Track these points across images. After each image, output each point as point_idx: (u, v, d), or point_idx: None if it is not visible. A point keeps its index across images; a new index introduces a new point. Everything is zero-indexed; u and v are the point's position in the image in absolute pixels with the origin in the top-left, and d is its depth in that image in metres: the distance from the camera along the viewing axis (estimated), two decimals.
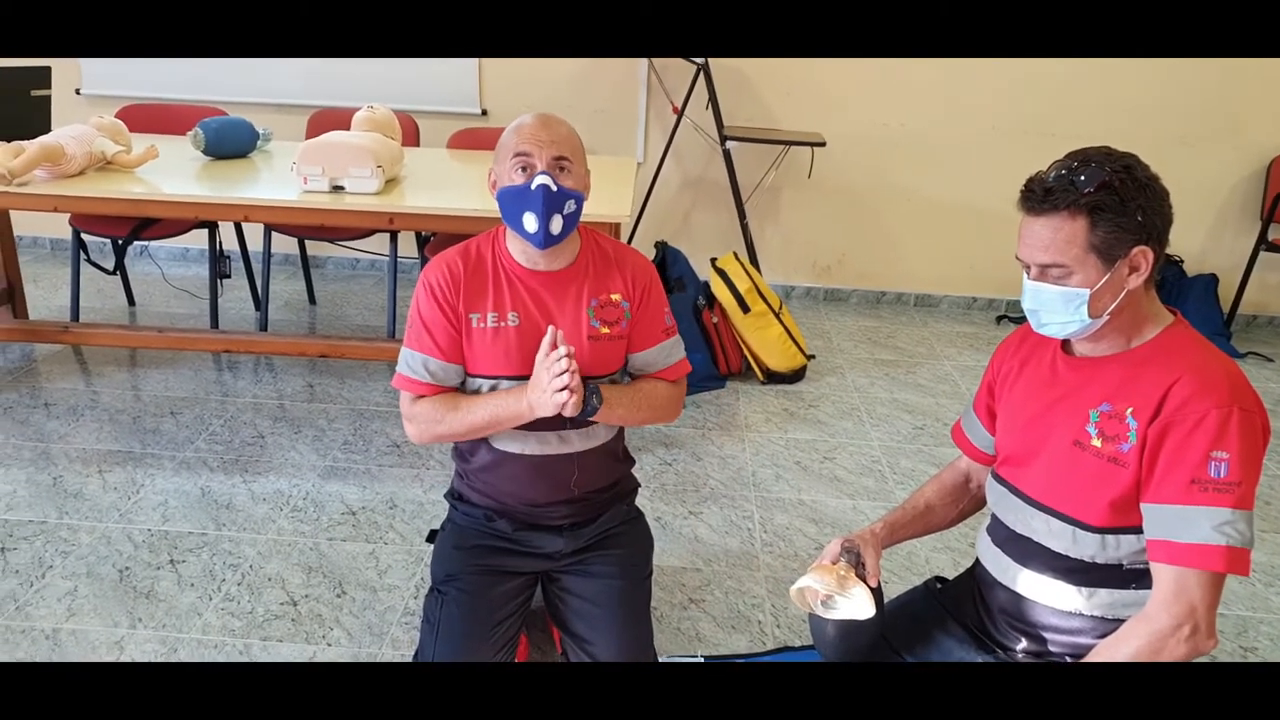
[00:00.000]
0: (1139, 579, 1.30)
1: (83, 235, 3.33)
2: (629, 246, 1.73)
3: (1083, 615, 1.33)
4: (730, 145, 3.78)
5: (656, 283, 1.70)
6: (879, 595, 1.40)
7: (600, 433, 1.68)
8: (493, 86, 4.09)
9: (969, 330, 4.10)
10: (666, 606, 2.09)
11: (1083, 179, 1.20)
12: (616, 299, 1.64)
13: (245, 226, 3.74)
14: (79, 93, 4.15)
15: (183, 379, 3.14)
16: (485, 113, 4.12)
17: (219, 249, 3.41)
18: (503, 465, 1.66)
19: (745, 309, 3.33)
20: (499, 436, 1.63)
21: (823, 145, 3.85)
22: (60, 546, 2.19)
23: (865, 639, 1.42)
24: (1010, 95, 3.94)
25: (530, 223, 1.50)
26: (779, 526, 2.44)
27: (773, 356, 3.35)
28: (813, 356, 3.53)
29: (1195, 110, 3.90)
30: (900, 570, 2.24)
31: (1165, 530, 1.20)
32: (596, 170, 1.74)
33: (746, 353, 3.38)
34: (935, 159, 4.08)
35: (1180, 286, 3.96)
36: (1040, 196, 1.23)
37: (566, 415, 1.52)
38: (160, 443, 2.71)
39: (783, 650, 1.97)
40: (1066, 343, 1.37)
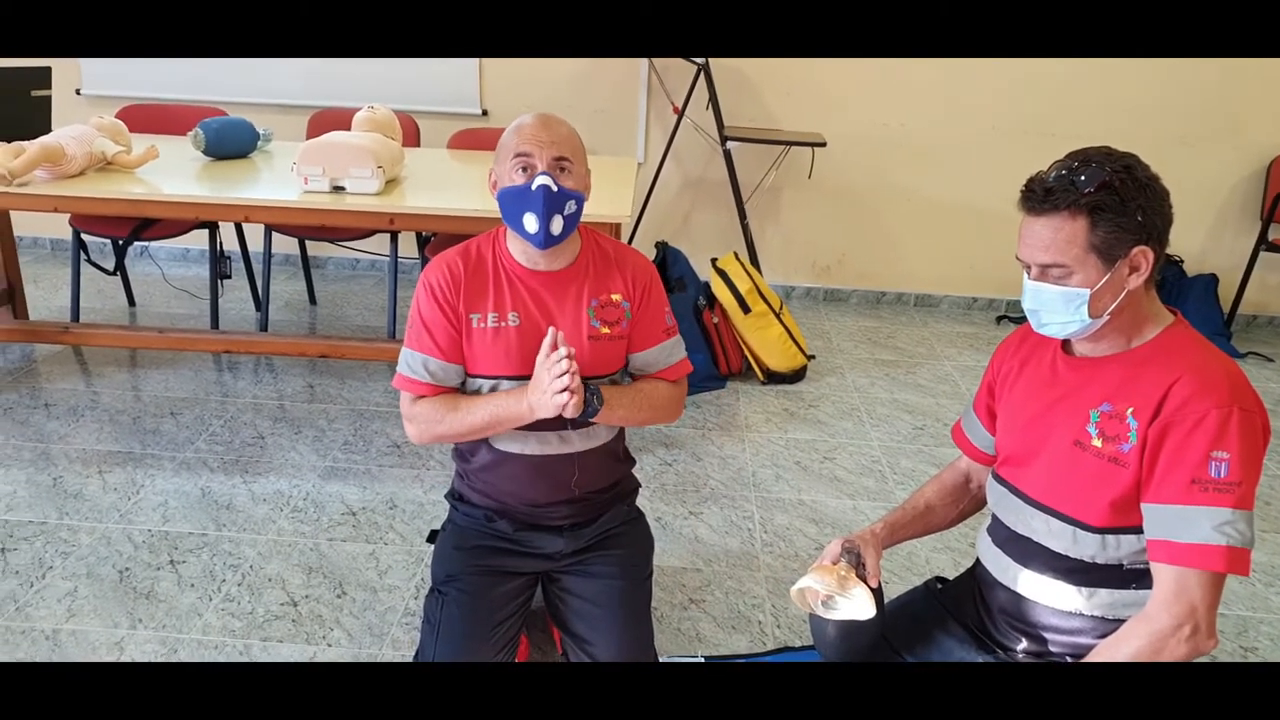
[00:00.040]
0: (1139, 579, 1.30)
1: (83, 235, 3.33)
2: (629, 246, 1.73)
3: (1083, 615, 1.33)
4: (730, 145, 3.78)
5: (657, 283, 1.70)
6: (879, 596, 1.40)
7: (601, 433, 1.68)
8: (493, 87, 4.09)
9: (969, 330, 4.10)
10: (667, 607, 2.09)
11: (1083, 179, 1.20)
12: (617, 299, 1.64)
13: (245, 227, 3.74)
14: (79, 93, 4.15)
15: (183, 379, 3.14)
16: (486, 113, 4.12)
17: (219, 249, 3.41)
18: (503, 465, 1.66)
19: (746, 309, 3.33)
20: (499, 437, 1.63)
21: (823, 145, 3.85)
22: (60, 547, 2.19)
23: (866, 639, 1.42)
24: (1010, 95, 3.94)
25: (531, 223, 1.50)
26: (779, 527, 2.44)
27: (773, 357, 3.36)
28: (813, 357, 3.53)
29: (1195, 110, 3.90)
30: (900, 570, 2.24)
31: (1165, 530, 1.20)
32: (597, 170, 1.74)
33: (747, 353, 3.38)
34: (935, 159, 4.08)
35: (1180, 286, 3.96)
36: (1040, 196, 1.23)
37: (567, 416, 1.51)
38: (160, 443, 2.71)
39: (783, 650, 1.97)
40: (1066, 343, 1.37)
